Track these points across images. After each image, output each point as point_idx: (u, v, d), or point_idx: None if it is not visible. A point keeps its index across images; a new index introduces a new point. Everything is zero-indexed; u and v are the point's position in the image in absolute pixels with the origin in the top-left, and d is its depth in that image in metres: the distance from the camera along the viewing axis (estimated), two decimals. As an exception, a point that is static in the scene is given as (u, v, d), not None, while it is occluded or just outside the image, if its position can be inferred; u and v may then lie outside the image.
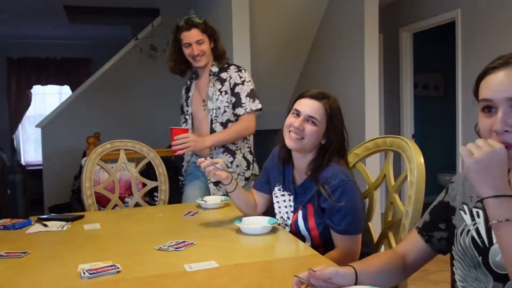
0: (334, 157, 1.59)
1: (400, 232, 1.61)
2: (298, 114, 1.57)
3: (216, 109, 2.34)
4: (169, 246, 1.43)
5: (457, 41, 4.10)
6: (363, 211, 1.60)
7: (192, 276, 1.17)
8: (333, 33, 4.01)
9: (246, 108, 2.31)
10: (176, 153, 2.18)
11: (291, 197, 1.68)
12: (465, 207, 1.08)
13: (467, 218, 1.06)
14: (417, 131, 5.11)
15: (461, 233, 1.06)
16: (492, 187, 0.87)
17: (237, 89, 2.32)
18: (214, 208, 1.98)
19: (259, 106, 2.35)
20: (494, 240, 0.97)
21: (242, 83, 2.32)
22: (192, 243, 1.45)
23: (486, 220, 1.00)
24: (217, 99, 2.33)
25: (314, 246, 1.57)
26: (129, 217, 1.88)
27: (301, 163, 1.63)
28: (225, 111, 2.34)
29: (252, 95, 2.33)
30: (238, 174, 2.37)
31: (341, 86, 3.91)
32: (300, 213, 1.61)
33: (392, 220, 1.73)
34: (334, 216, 1.50)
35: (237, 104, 2.32)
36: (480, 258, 1.01)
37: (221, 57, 2.36)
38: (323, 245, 1.58)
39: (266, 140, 5.10)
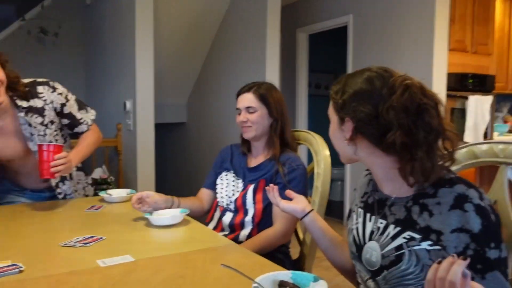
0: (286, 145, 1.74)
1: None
2: (239, 111, 1.75)
3: None
4: (76, 242, 1.34)
5: (349, 44, 4.41)
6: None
7: (108, 272, 1.11)
8: (236, 29, 4.06)
9: (86, 123, 1.97)
10: (53, 176, 1.69)
11: (240, 180, 1.76)
12: (355, 207, 1.19)
13: (354, 218, 1.18)
14: (310, 128, 5.40)
15: (349, 231, 1.18)
16: None
17: (65, 110, 1.88)
18: (120, 201, 1.89)
19: (94, 113, 2.04)
20: (367, 240, 1.08)
21: (66, 100, 1.89)
22: (101, 237, 1.38)
23: (363, 219, 1.12)
24: (44, 135, 1.81)
25: (253, 220, 1.65)
26: (23, 212, 1.72)
27: (260, 147, 1.77)
28: (56, 140, 1.88)
29: (81, 106, 1.97)
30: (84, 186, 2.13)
31: (242, 78, 3.97)
32: (251, 187, 1.70)
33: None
34: (283, 195, 1.55)
35: (74, 124, 1.93)
36: (357, 254, 1.12)
37: (16, 84, 1.73)
38: (261, 220, 1.65)
39: (168, 133, 5.00)
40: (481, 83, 4.00)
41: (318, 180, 1.69)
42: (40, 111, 1.79)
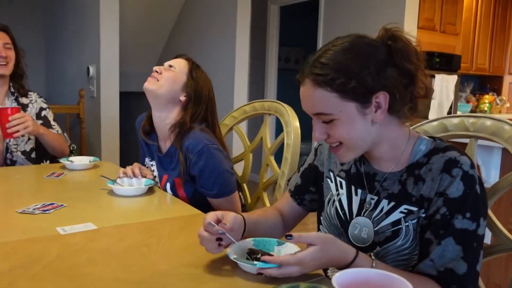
0: (198, 124, 1.54)
1: (275, 191, 1.68)
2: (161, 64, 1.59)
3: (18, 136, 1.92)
4: (34, 209, 1.27)
5: (320, 19, 4.37)
6: (231, 171, 1.56)
7: (68, 239, 1.06)
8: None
9: (57, 130, 2.15)
10: (13, 136, 1.84)
11: (155, 167, 1.64)
12: (331, 174, 1.11)
13: (333, 186, 1.09)
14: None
15: (328, 202, 1.09)
16: (340, 263, 0.86)
17: (44, 113, 2.14)
18: (82, 169, 1.82)
19: (60, 131, 2.18)
20: (354, 215, 1.02)
21: (47, 109, 2.16)
22: (61, 205, 1.32)
23: (348, 192, 1.05)
24: None
25: None
26: (-23, 178, 1.63)
27: (162, 125, 1.57)
28: (29, 139, 2.05)
29: (55, 121, 2.18)
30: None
31: (211, 50, 3.88)
32: (168, 185, 1.56)
33: (267, 181, 1.80)
34: (204, 182, 1.49)
35: (47, 125, 2.10)
36: (342, 230, 1.04)
37: (21, 79, 2.12)
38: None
39: (132, 103, 4.86)
40: (447, 63, 4.07)
41: (287, 151, 1.66)
42: (24, 107, 2.07)
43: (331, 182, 1.10)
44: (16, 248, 0.99)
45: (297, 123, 1.70)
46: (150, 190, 1.49)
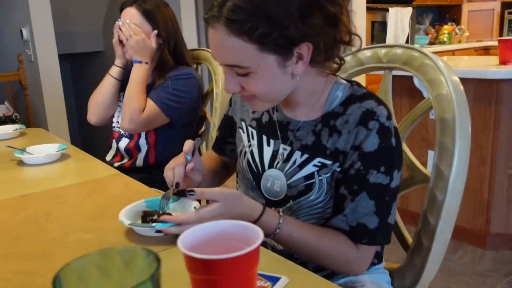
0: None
1: (209, 143, 1.62)
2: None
3: None
4: None
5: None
6: (187, 104, 1.55)
7: (-37, 215, 0.99)
8: None
9: None
10: None
11: None
12: (243, 124, 1.04)
13: (244, 137, 1.03)
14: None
15: (240, 153, 1.03)
16: (246, 220, 0.76)
17: None
18: (6, 139, 1.72)
19: None
20: (266, 166, 0.95)
21: None
22: (-32, 179, 1.24)
23: (259, 143, 0.98)
24: None
25: (147, 141, 1.59)
26: None
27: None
28: None
29: None
30: None
31: None
32: None
33: (203, 132, 1.74)
34: (159, 88, 1.52)
35: None
36: (254, 183, 0.98)
37: None
38: (156, 141, 1.59)
39: (83, 65, 4.66)
40: (401, -5, 3.97)
41: (217, 101, 1.60)
42: None
43: (243, 132, 1.03)
44: None
45: (225, 70, 1.61)
46: (64, 156, 1.41)
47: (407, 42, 4.06)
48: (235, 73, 0.82)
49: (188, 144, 0.91)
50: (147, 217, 0.85)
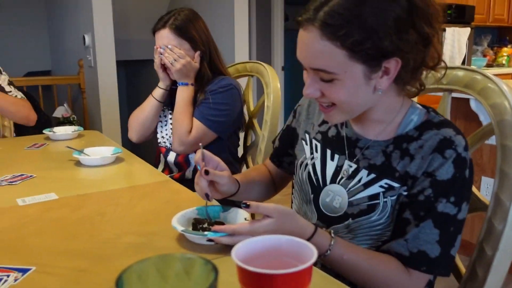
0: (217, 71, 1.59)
1: (257, 156, 1.63)
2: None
3: None
4: (1, 181, 1.27)
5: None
6: (231, 116, 1.56)
7: (24, 210, 1.05)
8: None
9: (16, 95, 1.98)
10: None
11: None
12: (307, 136, 1.04)
13: (307, 149, 1.02)
14: (287, 63, 5.25)
15: (300, 165, 1.02)
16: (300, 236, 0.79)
17: None
18: (65, 139, 1.81)
19: (23, 95, 2.02)
20: (328, 181, 0.95)
21: (0, 72, 1.99)
22: (31, 176, 1.31)
23: (323, 157, 0.97)
24: None
25: None
26: (-42, 152, 1.63)
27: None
28: None
29: (12, 84, 2.00)
30: None
31: (211, 16, 3.78)
32: None
33: (250, 144, 1.76)
34: (202, 104, 1.52)
35: (1, 90, 1.96)
36: (312, 196, 0.97)
37: None
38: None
39: (137, 71, 4.83)
40: (459, 14, 3.86)
41: (267, 114, 1.61)
42: None
43: (306, 144, 1.03)
44: (-31, 221, 0.99)
45: (278, 84, 1.63)
46: (119, 159, 1.46)
47: (463, 63, 3.94)
48: (319, 78, 0.82)
49: (197, 154, 0.93)
50: (197, 224, 0.87)
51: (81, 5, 3.28)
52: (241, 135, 1.76)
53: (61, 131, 1.85)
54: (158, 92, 1.63)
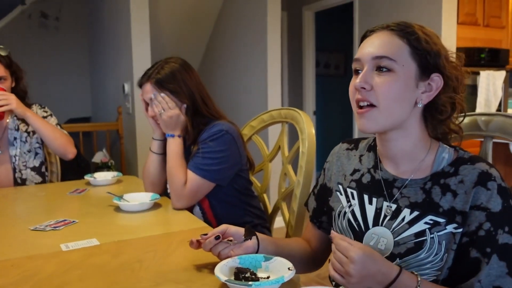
0: (212, 117, 1.56)
1: (292, 201, 1.63)
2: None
3: (24, 153, 2.00)
4: (46, 226, 1.31)
5: (355, 21, 4.27)
6: (226, 162, 1.50)
7: (67, 256, 1.07)
8: (238, 9, 3.96)
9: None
10: None
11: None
12: (340, 187, 1.06)
13: (343, 199, 1.04)
14: (318, 108, 5.29)
15: (339, 215, 1.03)
16: (383, 280, 0.81)
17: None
18: (104, 184, 1.86)
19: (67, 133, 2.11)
20: (370, 225, 0.96)
21: (48, 116, 2.07)
22: (73, 221, 1.35)
23: (361, 202, 0.99)
24: (25, 142, 2.01)
25: (202, 211, 1.54)
26: (5, 197, 1.70)
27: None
28: (37, 154, 2.03)
29: (60, 125, 2.11)
30: None
31: (244, 64, 3.89)
32: None
33: (285, 190, 1.76)
34: (195, 155, 1.48)
35: None
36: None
37: (23, 99, 2.01)
38: (213, 212, 1.53)
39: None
40: (493, 58, 3.83)
41: (302, 160, 1.61)
42: (26, 122, 1.98)
43: (341, 194, 1.05)
44: (16, 265, 1.02)
45: (312, 130, 1.64)
46: (156, 205, 1.49)
47: (499, 106, 3.87)
48: (375, 68, 0.88)
49: (222, 227, 0.99)
50: (240, 274, 0.87)
51: (122, 55, 3.45)
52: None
53: (101, 176, 1.91)
54: (154, 145, 1.61)
